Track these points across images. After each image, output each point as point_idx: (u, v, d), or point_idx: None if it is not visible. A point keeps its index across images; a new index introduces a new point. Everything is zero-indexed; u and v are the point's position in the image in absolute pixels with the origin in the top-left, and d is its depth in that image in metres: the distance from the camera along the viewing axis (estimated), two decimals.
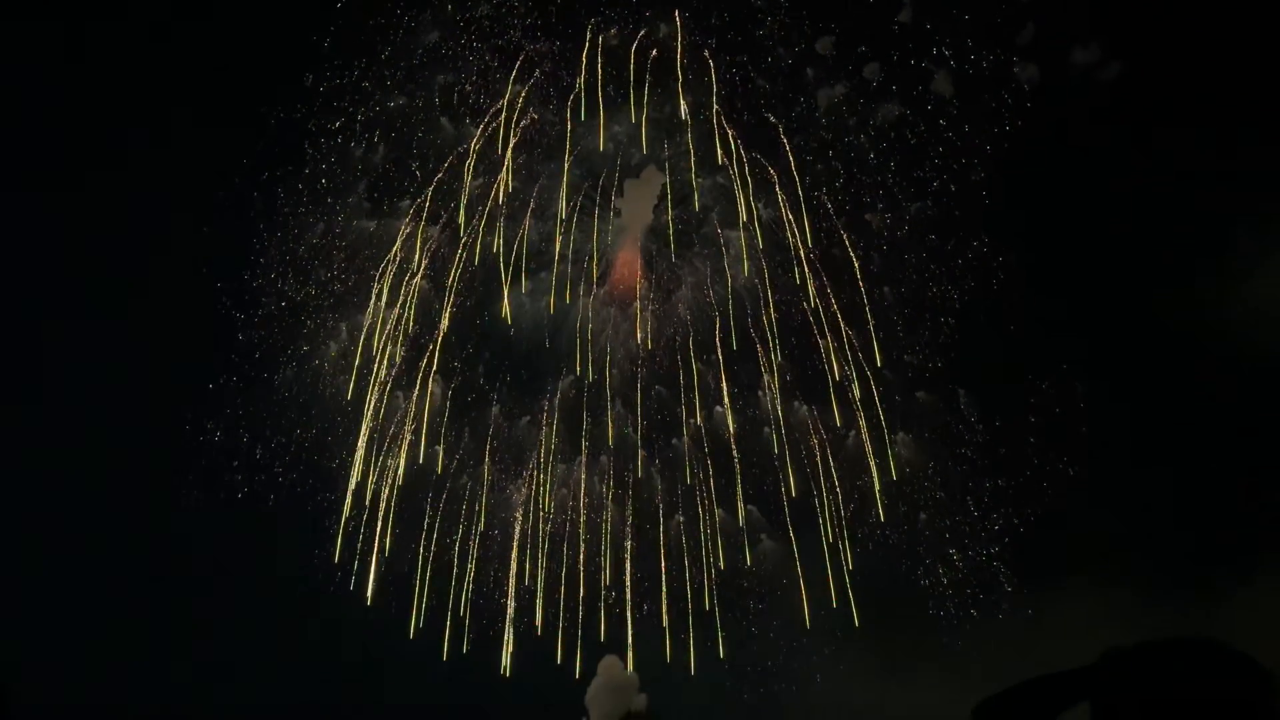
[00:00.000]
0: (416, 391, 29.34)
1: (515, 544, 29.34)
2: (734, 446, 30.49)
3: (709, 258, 30.32)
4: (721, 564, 29.52)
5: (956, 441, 28.60)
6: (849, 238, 28.90)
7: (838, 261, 29.46)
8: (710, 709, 28.39)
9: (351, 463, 28.54)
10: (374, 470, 28.80)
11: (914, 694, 23.52)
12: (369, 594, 28.09)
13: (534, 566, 29.16)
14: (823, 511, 28.51)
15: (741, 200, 28.79)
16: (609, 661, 29.53)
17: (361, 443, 28.54)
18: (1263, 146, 23.76)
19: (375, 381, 28.76)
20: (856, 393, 29.38)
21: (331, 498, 28.52)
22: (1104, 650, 1.40)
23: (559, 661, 27.74)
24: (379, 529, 28.41)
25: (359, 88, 26.83)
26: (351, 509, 28.34)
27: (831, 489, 29.15)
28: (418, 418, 29.26)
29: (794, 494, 29.03)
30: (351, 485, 28.43)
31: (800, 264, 29.36)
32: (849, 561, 28.06)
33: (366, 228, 28.19)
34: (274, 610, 31.66)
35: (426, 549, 28.88)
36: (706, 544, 29.70)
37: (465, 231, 28.21)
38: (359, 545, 28.20)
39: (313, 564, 28.81)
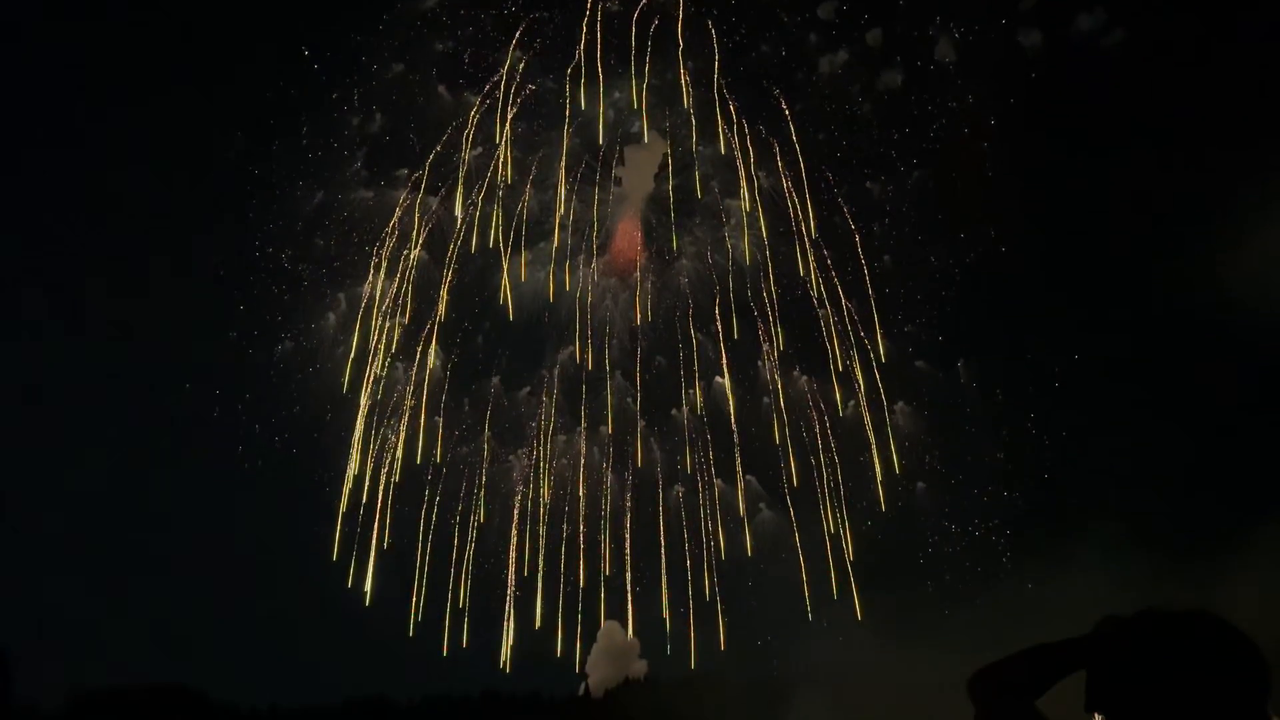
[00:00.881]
0: (416, 363, 29.19)
1: (515, 518, 29.24)
2: (733, 418, 30.40)
3: (710, 228, 30.12)
4: (723, 546, 29.49)
5: (955, 412, 28.59)
6: (849, 210, 28.65)
7: (838, 231, 29.23)
8: (710, 677, 28.50)
9: (351, 439, 28.30)
10: (374, 442, 28.64)
11: (912, 664, 23.68)
12: (367, 593, 27.69)
13: (534, 543, 29.01)
14: (823, 501, 28.43)
15: (741, 169, 28.54)
16: (610, 627, 29.69)
17: (360, 416, 28.34)
18: (1265, 113, 23.53)
19: (374, 354, 28.58)
20: (857, 366, 29.23)
21: (330, 473, 28.32)
22: (1100, 619, 1.42)
23: (559, 654, 27.61)
24: (377, 519, 28.10)
25: (356, 59, 26.54)
26: (351, 487, 28.13)
27: (833, 474, 29.11)
28: (417, 388, 29.13)
29: (795, 483, 28.98)
30: (352, 463, 28.24)
31: (800, 235, 29.14)
32: (850, 551, 28.00)
33: (365, 198, 27.99)
34: (273, 606, 31.64)
35: (425, 535, 28.65)
36: (706, 520, 29.67)
37: (464, 204, 27.99)
38: (357, 530, 27.88)
39: (310, 554, 28.59)
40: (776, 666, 28.57)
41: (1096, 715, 1.30)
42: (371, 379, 28.56)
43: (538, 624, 27.84)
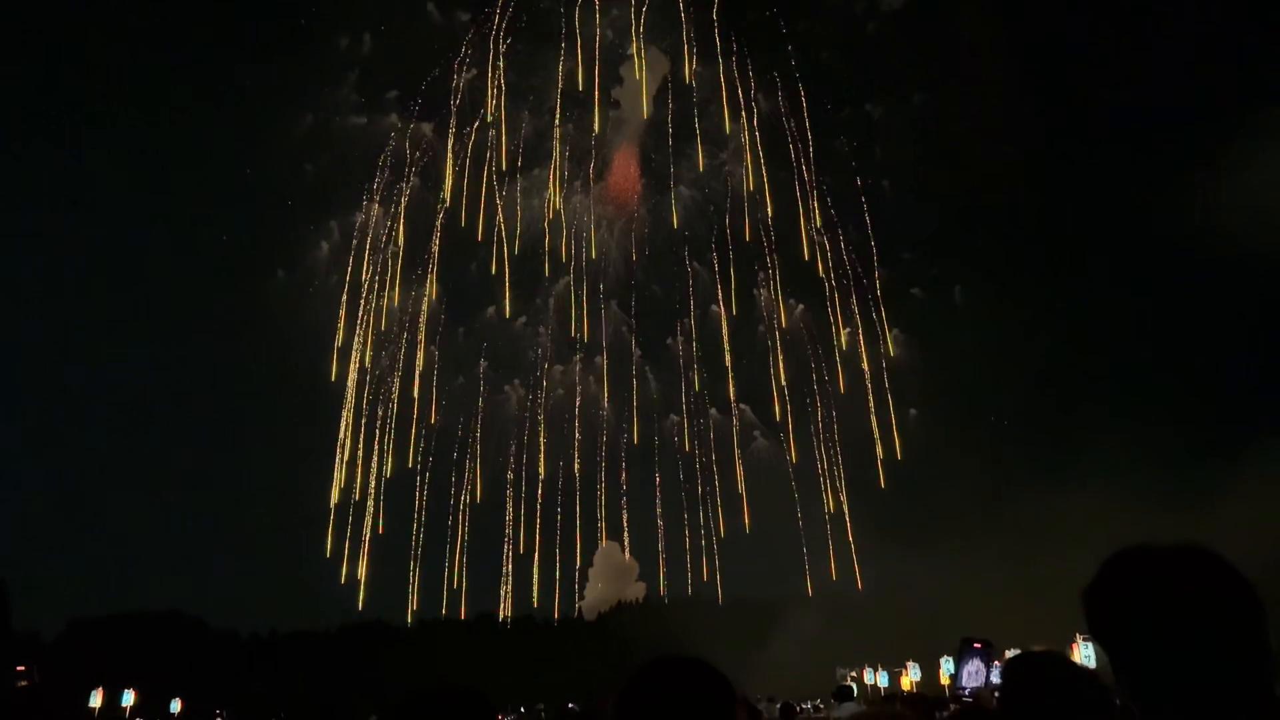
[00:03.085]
0: (413, 293, 29.09)
1: (511, 459, 29.43)
2: (726, 343, 30.39)
3: (707, 154, 29.64)
4: (716, 475, 29.74)
5: (951, 338, 28.67)
6: (848, 142, 28.14)
7: (837, 156, 28.80)
8: (704, 600, 29.19)
9: (346, 382, 28.19)
10: (369, 384, 28.61)
11: (904, 585, 24.20)
12: (361, 583, 28.02)
13: (530, 489, 29.27)
14: (824, 480, 28.80)
15: (740, 93, 27.93)
16: (608, 548, 30.24)
17: (354, 354, 28.29)
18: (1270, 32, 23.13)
19: (369, 286, 28.45)
20: (853, 293, 29.14)
21: (323, 462, 28.20)
22: (1104, 560, 1.44)
23: (555, 623, 28.24)
24: (372, 499, 28.25)
25: None
26: (347, 447, 28.10)
27: (827, 415, 29.34)
28: (413, 319, 29.08)
29: (795, 460, 29.37)
30: (347, 404, 28.13)
31: (798, 160, 28.70)
32: (851, 529, 28.45)
33: (356, 123, 27.54)
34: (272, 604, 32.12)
35: (420, 493, 28.81)
36: (698, 449, 29.84)
37: (457, 129, 27.49)
38: (349, 527, 27.98)
39: (308, 536, 28.74)
40: (771, 590, 29.22)
41: (1092, 640, 1.33)
42: (366, 313, 28.39)
43: (535, 602, 28.27)
